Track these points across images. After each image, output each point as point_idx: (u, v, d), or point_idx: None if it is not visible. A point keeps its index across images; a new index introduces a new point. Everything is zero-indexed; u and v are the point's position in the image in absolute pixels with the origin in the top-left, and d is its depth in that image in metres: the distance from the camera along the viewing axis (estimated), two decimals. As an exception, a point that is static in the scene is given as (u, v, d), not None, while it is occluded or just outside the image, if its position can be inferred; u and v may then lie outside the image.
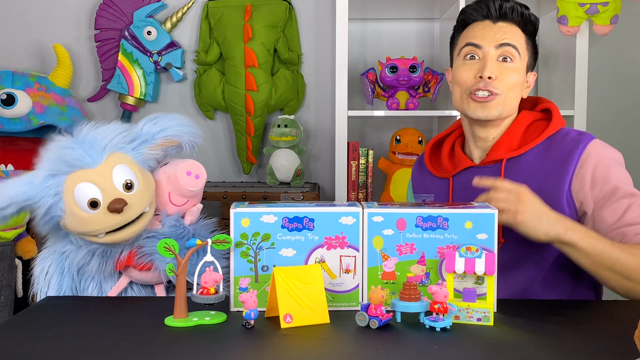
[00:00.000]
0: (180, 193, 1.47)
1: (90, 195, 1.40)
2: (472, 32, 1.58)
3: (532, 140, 1.54)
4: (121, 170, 1.43)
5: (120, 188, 1.42)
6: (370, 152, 2.74)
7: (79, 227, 1.42)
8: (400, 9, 2.83)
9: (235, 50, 2.83)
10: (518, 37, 1.55)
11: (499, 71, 1.52)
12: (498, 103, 1.53)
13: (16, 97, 2.72)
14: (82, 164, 1.41)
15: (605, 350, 1.06)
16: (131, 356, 1.05)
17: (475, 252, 1.20)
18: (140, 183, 1.45)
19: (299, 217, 1.27)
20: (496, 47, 1.53)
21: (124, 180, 1.43)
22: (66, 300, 1.43)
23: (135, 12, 2.94)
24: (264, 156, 3.00)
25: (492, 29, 1.55)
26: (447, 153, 1.70)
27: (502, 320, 1.21)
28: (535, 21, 1.59)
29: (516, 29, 1.56)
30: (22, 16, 3.03)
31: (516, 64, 1.54)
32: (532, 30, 1.59)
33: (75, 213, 1.41)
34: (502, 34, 1.54)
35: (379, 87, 2.74)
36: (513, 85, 1.53)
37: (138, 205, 1.43)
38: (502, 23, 1.56)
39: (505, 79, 1.53)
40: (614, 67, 2.95)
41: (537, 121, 1.59)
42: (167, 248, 1.24)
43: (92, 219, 1.40)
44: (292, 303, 1.19)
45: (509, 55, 1.53)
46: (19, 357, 1.05)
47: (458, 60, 1.59)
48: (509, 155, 1.54)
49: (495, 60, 1.53)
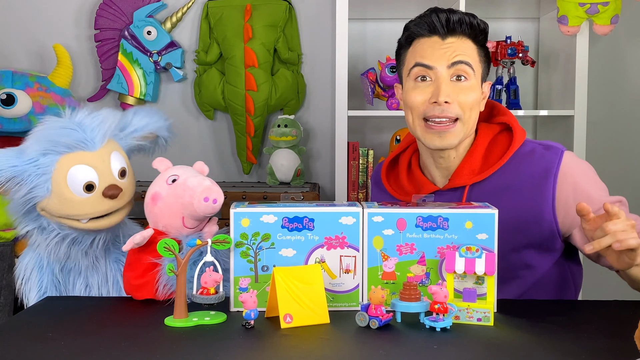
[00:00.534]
0: (195, 218, 1.38)
1: (88, 179, 1.40)
2: (420, 50, 1.46)
3: (496, 162, 1.47)
4: (117, 157, 1.45)
5: (116, 174, 1.43)
6: (370, 152, 2.74)
7: (64, 210, 1.40)
8: (400, 9, 2.83)
9: (235, 50, 2.83)
10: (470, 50, 1.45)
11: (455, 93, 1.43)
12: (458, 129, 1.44)
13: (16, 97, 2.72)
14: (83, 146, 1.41)
15: (605, 350, 1.06)
16: (131, 356, 1.05)
17: (476, 252, 1.20)
18: (129, 171, 1.47)
19: (299, 217, 1.27)
20: (448, 66, 1.43)
21: (120, 167, 1.44)
22: (66, 300, 1.43)
23: (135, 12, 2.94)
24: (264, 156, 3.00)
25: (442, 46, 1.44)
26: (404, 172, 1.60)
27: (502, 320, 1.21)
28: (486, 28, 1.48)
29: (467, 42, 1.46)
30: (22, 16, 3.03)
31: (471, 81, 1.44)
32: (483, 39, 1.49)
33: (65, 195, 1.39)
34: (452, 50, 1.44)
35: (379, 87, 2.74)
36: (472, 105, 1.44)
37: (128, 193, 1.45)
38: (452, 38, 1.45)
39: (462, 100, 1.43)
40: (614, 67, 2.95)
41: (497, 135, 1.51)
42: (167, 248, 1.24)
43: (83, 203, 1.40)
44: (292, 303, 1.19)
45: (463, 73, 1.43)
46: (19, 357, 1.05)
47: (408, 82, 1.49)
48: (472, 181, 1.48)
49: (448, 81, 1.43)
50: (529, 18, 2.93)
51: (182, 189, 1.35)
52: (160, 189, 1.38)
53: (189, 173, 1.39)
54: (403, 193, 1.58)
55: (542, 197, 1.43)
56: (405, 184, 1.58)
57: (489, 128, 1.53)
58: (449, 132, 1.44)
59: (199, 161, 1.46)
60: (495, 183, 1.47)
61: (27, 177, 1.38)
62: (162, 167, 1.42)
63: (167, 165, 1.43)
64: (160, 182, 1.39)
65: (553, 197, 1.42)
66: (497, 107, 1.58)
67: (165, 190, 1.37)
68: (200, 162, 1.45)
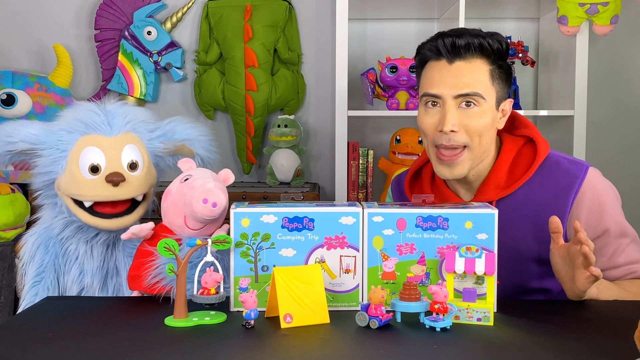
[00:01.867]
0: (195, 219, 1.37)
1: (94, 160, 1.44)
2: (429, 78, 1.44)
3: (521, 177, 1.46)
4: (132, 149, 1.47)
5: (125, 165, 1.46)
6: (370, 152, 2.74)
7: (70, 188, 1.45)
8: (400, 9, 2.83)
9: (235, 50, 2.83)
10: (480, 74, 1.41)
11: (462, 121, 1.40)
12: (466, 158, 1.43)
13: (16, 97, 2.72)
14: (99, 130, 1.46)
15: (605, 350, 1.06)
16: (131, 356, 1.05)
17: (475, 252, 1.20)
18: (144, 169, 1.48)
19: (299, 217, 1.27)
20: (454, 97, 1.40)
21: (131, 159, 1.47)
22: (66, 300, 1.43)
23: (135, 12, 2.94)
24: (264, 156, 3.00)
25: (450, 72, 1.41)
26: (428, 184, 1.59)
27: (502, 320, 1.21)
28: (500, 47, 1.42)
29: (478, 64, 1.41)
30: (22, 16, 3.03)
31: (482, 106, 1.41)
32: (499, 57, 1.43)
33: (73, 173, 1.45)
34: (460, 79, 1.40)
35: (379, 87, 2.74)
36: (481, 131, 1.41)
37: (135, 187, 1.46)
38: (460, 62, 1.41)
39: (470, 127, 1.41)
40: (614, 67, 2.95)
41: (522, 148, 1.50)
42: (167, 248, 1.24)
43: (87, 184, 1.44)
44: (292, 303, 1.19)
45: (471, 101, 1.40)
46: (19, 357, 1.05)
47: (420, 107, 1.47)
48: (498, 196, 1.47)
49: (456, 109, 1.40)
50: (529, 18, 2.93)
51: (188, 188, 1.35)
52: (172, 186, 1.41)
53: (203, 175, 1.37)
54: None
55: (562, 211, 1.42)
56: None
57: (514, 141, 1.50)
58: (457, 164, 1.43)
59: (226, 169, 1.45)
60: (521, 197, 1.46)
61: (49, 149, 1.46)
62: (185, 167, 1.44)
63: (190, 166, 1.45)
64: (175, 180, 1.42)
65: (569, 212, 1.43)
66: (519, 118, 1.56)
67: (176, 187, 1.39)
68: (226, 170, 1.44)
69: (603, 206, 1.43)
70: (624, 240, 1.44)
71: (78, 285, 1.54)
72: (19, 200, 2.50)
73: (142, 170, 1.48)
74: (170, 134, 1.55)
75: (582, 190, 1.43)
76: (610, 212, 1.44)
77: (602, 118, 2.93)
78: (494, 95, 1.43)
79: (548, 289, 1.47)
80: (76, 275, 1.53)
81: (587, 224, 1.42)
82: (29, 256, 1.54)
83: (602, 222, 1.43)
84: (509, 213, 1.45)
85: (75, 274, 1.53)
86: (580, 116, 2.56)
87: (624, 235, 1.44)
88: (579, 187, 1.43)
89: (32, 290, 1.53)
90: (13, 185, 2.54)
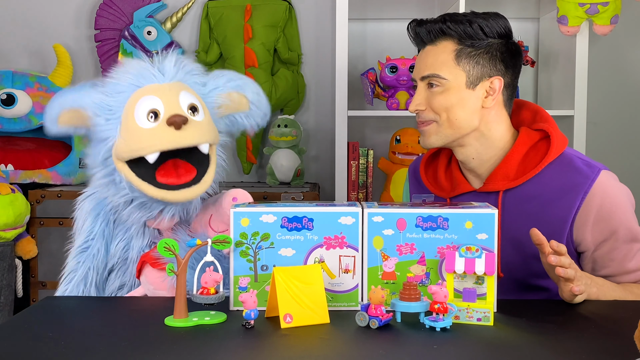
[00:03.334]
0: (221, 218, 1.41)
1: (152, 106, 1.35)
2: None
3: (531, 170, 1.47)
4: (188, 95, 1.40)
5: (185, 107, 1.37)
6: (370, 152, 2.74)
7: (130, 144, 1.35)
8: (400, 9, 2.83)
9: (235, 50, 2.83)
10: (443, 56, 1.49)
11: (428, 99, 1.51)
12: (433, 130, 1.51)
13: (16, 97, 2.72)
14: (151, 79, 1.39)
15: (605, 350, 1.06)
16: (131, 356, 1.05)
17: (475, 252, 1.20)
18: (205, 115, 1.40)
19: (298, 217, 1.27)
20: (421, 78, 1.52)
21: (190, 102, 1.38)
22: (66, 300, 1.43)
23: (135, 12, 2.94)
24: (264, 156, 3.00)
25: (420, 57, 1.54)
26: (443, 169, 1.63)
27: (502, 320, 1.21)
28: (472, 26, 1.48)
29: (442, 45, 1.50)
30: (22, 16, 3.03)
31: (444, 86, 1.49)
32: (470, 34, 1.48)
33: (130, 127, 1.35)
34: (424, 62, 1.52)
35: (379, 87, 2.74)
36: (446, 107, 1.49)
37: (200, 132, 1.36)
38: (429, 46, 1.53)
39: (433, 105, 1.50)
40: (614, 67, 2.95)
41: (538, 143, 1.51)
42: (167, 248, 1.24)
43: (147, 133, 1.33)
44: (292, 303, 1.19)
45: (433, 82, 1.50)
46: (19, 357, 1.05)
47: None
48: (505, 187, 1.49)
49: (424, 90, 1.52)
50: (529, 18, 2.93)
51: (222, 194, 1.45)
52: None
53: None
54: (438, 188, 1.61)
55: (568, 210, 1.42)
56: (442, 179, 1.61)
57: (529, 135, 1.51)
58: (425, 132, 1.53)
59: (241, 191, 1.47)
60: (529, 190, 1.47)
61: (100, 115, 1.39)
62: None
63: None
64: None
65: (576, 212, 1.42)
66: (541, 113, 1.57)
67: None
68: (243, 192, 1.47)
69: (613, 210, 1.42)
70: (634, 245, 1.43)
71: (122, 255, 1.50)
72: (19, 200, 2.50)
73: (204, 116, 1.39)
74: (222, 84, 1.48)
75: (592, 191, 1.42)
76: (621, 216, 1.42)
77: (602, 118, 2.93)
78: (462, 75, 1.48)
79: (547, 287, 1.47)
80: (122, 246, 1.50)
81: (594, 227, 1.42)
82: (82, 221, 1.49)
83: (610, 225, 1.42)
84: (514, 205, 1.47)
85: (121, 245, 1.50)
86: (580, 116, 2.57)
87: (634, 240, 1.43)
88: (589, 189, 1.42)
89: (78, 257, 1.48)
90: (13, 185, 2.54)
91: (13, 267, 2.57)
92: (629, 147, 2.97)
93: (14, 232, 2.52)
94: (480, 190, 1.53)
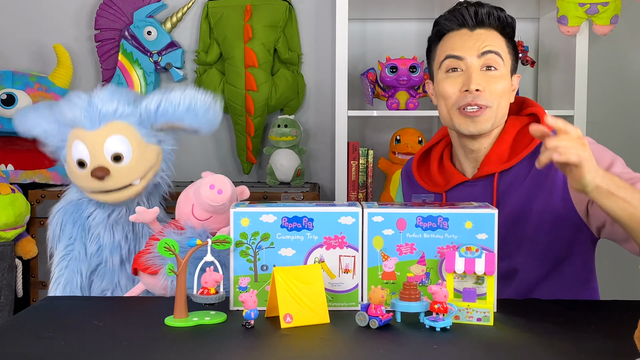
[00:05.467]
0: (202, 207, 1.44)
1: (80, 155, 1.50)
2: (450, 44, 1.51)
3: (522, 151, 1.49)
4: (115, 140, 1.49)
5: (109, 157, 1.48)
6: (370, 152, 2.74)
7: (71, 177, 1.55)
8: (400, 9, 2.83)
9: (235, 50, 2.83)
10: (499, 42, 1.49)
11: (486, 82, 1.46)
12: (489, 116, 1.47)
13: (16, 97, 2.72)
14: (81, 124, 1.49)
15: (605, 350, 1.06)
16: (131, 356, 1.05)
17: (475, 252, 1.20)
18: (133, 157, 1.49)
19: (298, 216, 1.27)
20: (478, 56, 1.47)
21: (114, 151, 1.49)
22: (66, 300, 1.43)
23: (135, 12, 2.94)
24: (264, 156, 3.00)
25: (471, 38, 1.49)
26: (436, 165, 1.63)
27: (502, 320, 1.21)
28: (513, 22, 1.53)
29: (495, 34, 1.50)
30: (22, 16, 3.03)
31: (501, 71, 1.48)
32: (511, 32, 1.53)
33: (70, 165, 1.53)
34: (482, 41, 1.48)
35: (379, 87, 2.74)
36: (502, 94, 1.48)
37: (123, 177, 1.49)
38: (480, 30, 1.49)
39: (493, 89, 1.47)
40: (614, 67, 2.95)
41: (526, 127, 1.52)
42: (167, 248, 1.24)
43: (79, 176, 1.51)
44: (292, 303, 1.19)
45: (492, 64, 1.47)
46: (19, 357, 1.05)
47: (440, 74, 1.52)
48: (500, 169, 1.50)
49: (479, 70, 1.47)
50: (529, 18, 2.93)
51: (200, 181, 1.46)
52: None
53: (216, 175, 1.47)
54: (433, 184, 1.61)
55: (553, 180, 1.44)
56: (435, 175, 1.62)
57: (518, 119, 1.55)
58: (481, 117, 1.47)
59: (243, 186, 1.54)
60: (522, 171, 1.49)
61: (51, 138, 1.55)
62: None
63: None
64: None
65: (564, 177, 1.41)
66: (527, 101, 1.60)
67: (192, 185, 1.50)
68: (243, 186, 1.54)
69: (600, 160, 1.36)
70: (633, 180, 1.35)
71: (97, 258, 1.57)
72: (19, 200, 2.50)
73: (130, 159, 1.49)
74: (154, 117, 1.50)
75: None
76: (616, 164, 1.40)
77: (602, 118, 2.93)
78: (509, 64, 1.51)
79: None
80: (94, 250, 1.57)
81: None
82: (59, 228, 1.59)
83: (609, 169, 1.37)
84: (510, 186, 1.48)
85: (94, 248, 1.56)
86: (580, 116, 2.56)
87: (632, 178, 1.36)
88: None
89: (63, 262, 1.58)
90: (13, 185, 2.54)
91: (13, 267, 2.56)
92: (629, 147, 2.96)
93: (14, 232, 2.52)
94: (474, 177, 1.54)
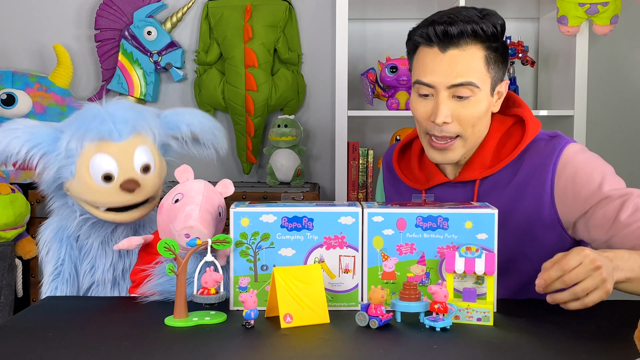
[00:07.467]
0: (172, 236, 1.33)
1: (107, 169, 1.41)
2: (422, 64, 1.39)
3: (506, 157, 1.44)
4: (143, 151, 1.45)
5: (138, 169, 1.43)
6: (370, 152, 2.74)
7: (83, 195, 1.43)
8: (400, 9, 2.83)
9: (235, 50, 2.83)
10: (475, 61, 1.36)
11: (456, 111, 1.37)
12: (459, 145, 1.41)
13: (16, 97, 2.72)
14: (109, 137, 1.42)
15: (605, 350, 1.06)
16: (131, 356, 1.05)
17: (475, 252, 1.20)
18: (156, 168, 1.46)
19: (298, 216, 1.27)
20: (448, 87, 1.36)
21: (144, 162, 1.44)
22: (66, 300, 1.43)
23: (135, 12, 2.94)
24: (264, 156, 3.00)
25: (443, 62, 1.36)
26: (416, 160, 1.57)
27: (502, 320, 1.21)
28: (497, 28, 1.38)
29: (472, 50, 1.36)
30: (22, 16, 3.03)
31: (477, 95, 1.37)
32: (494, 38, 1.38)
33: (85, 181, 1.42)
34: (453, 68, 1.35)
35: (379, 87, 2.74)
36: (476, 119, 1.39)
37: (150, 189, 1.45)
38: (453, 51, 1.36)
39: (464, 117, 1.38)
40: (614, 67, 2.95)
41: (511, 128, 1.47)
42: (167, 248, 1.24)
43: (101, 191, 1.42)
44: (292, 303, 1.19)
45: (465, 94, 1.37)
46: (19, 357, 1.05)
47: (413, 92, 1.44)
48: (482, 175, 1.45)
49: (449, 99, 1.37)
50: (529, 18, 2.93)
51: (175, 214, 1.31)
52: (165, 202, 1.36)
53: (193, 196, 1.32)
54: (413, 179, 1.56)
55: (542, 187, 1.39)
56: (416, 170, 1.56)
57: (502, 121, 1.48)
58: (449, 150, 1.42)
59: (226, 179, 1.40)
60: (505, 177, 1.44)
61: (54, 157, 1.42)
62: (182, 179, 1.38)
63: (187, 177, 1.38)
64: (169, 195, 1.37)
65: (552, 187, 1.38)
66: (513, 98, 1.52)
67: (167, 205, 1.34)
68: (225, 181, 1.40)
69: (588, 173, 1.35)
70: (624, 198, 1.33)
71: (89, 278, 1.53)
72: (19, 200, 2.50)
73: (154, 170, 1.46)
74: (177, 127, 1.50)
75: (561, 162, 1.38)
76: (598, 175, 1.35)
77: (602, 118, 2.93)
78: (489, 82, 1.40)
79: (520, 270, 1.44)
80: (88, 269, 1.52)
81: (576, 196, 1.36)
82: (46, 250, 1.53)
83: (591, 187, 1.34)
84: (492, 192, 1.44)
85: (87, 267, 1.52)
86: (580, 116, 2.57)
87: (622, 195, 1.33)
88: (557, 160, 1.38)
89: (52, 284, 1.52)
90: (13, 185, 2.54)
91: (13, 267, 2.56)
92: (628, 147, 2.96)
93: (14, 232, 2.52)
94: (455, 180, 1.48)
